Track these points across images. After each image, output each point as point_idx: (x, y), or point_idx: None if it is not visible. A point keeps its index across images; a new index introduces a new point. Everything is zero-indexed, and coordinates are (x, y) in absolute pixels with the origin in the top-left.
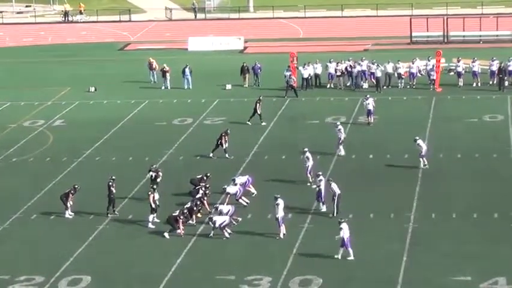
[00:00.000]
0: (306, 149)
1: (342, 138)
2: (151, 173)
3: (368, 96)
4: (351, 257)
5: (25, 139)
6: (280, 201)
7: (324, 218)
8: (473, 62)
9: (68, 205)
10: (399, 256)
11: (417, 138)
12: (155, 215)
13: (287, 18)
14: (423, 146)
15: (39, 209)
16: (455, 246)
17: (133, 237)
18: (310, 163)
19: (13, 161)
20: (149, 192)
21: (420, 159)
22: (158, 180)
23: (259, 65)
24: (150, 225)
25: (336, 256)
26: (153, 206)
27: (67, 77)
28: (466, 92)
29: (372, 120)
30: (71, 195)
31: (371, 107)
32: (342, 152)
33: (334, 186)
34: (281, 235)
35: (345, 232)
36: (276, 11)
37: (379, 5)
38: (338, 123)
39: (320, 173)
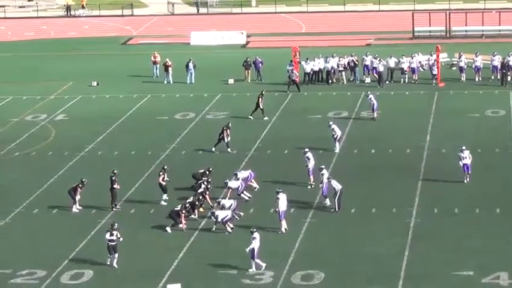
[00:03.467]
0: (306, 149)
1: (336, 136)
2: (114, 234)
3: (369, 92)
4: (264, 265)
5: (27, 133)
6: (282, 196)
7: (326, 213)
8: (476, 56)
9: (76, 199)
10: (401, 251)
11: (463, 147)
12: (166, 194)
13: (289, 13)
14: (469, 156)
15: (42, 203)
16: (457, 241)
17: (135, 231)
18: (311, 163)
19: (15, 155)
20: (160, 173)
21: (467, 173)
22: (114, 237)
23: (260, 60)
24: (163, 202)
25: (250, 270)
26: (163, 184)
27: (69, 72)
28: (468, 87)
29: (376, 116)
30: (79, 189)
31: (374, 102)
32: (337, 149)
33: (334, 183)
34: (282, 229)
35: (256, 242)
36: (278, 6)
37: None
38: (331, 122)
39: (323, 166)
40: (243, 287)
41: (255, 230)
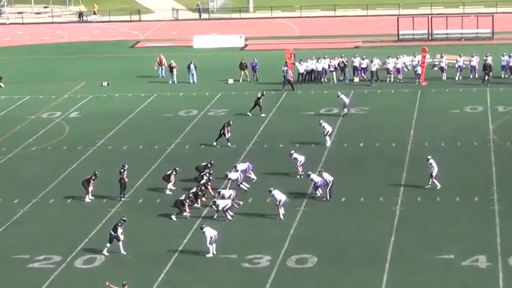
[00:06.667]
0: (292, 151)
1: (327, 131)
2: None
3: (339, 92)
4: (210, 254)
5: (43, 130)
6: (275, 191)
7: (319, 202)
8: (459, 57)
9: (89, 190)
10: (387, 236)
11: (429, 157)
12: (172, 183)
13: (284, 18)
14: (435, 166)
15: (57, 194)
16: (439, 227)
17: (143, 219)
18: (300, 160)
19: (33, 150)
20: (174, 172)
21: (430, 179)
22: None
23: (256, 61)
24: (168, 191)
25: (207, 255)
26: (173, 181)
27: (82, 73)
28: (448, 85)
29: (346, 112)
30: (92, 181)
31: (346, 100)
32: (328, 143)
33: (326, 175)
34: (281, 216)
35: (207, 234)
36: (274, 11)
37: (369, 5)
38: (321, 121)
39: (310, 172)
40: (242, 270)
41: (203, 225)
